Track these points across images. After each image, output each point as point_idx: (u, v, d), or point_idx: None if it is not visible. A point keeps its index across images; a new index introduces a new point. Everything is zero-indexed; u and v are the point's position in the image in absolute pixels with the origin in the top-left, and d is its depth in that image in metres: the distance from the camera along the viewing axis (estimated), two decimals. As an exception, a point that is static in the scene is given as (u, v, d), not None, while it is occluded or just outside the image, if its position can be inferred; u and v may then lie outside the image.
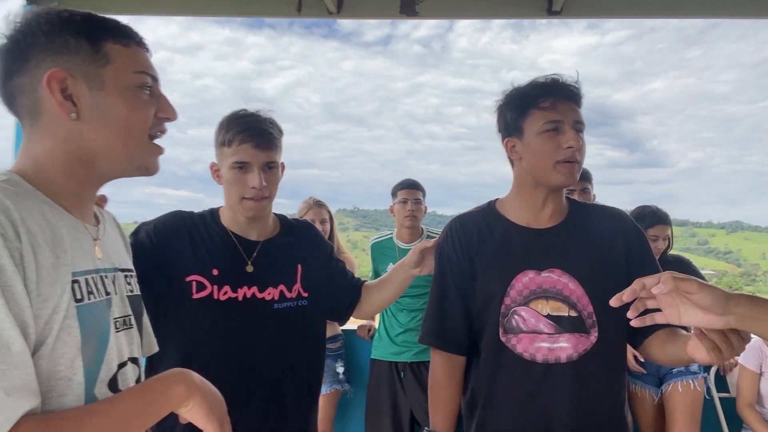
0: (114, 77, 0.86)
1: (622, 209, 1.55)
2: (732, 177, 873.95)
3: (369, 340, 3.16)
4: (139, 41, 0.91)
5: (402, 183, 3.14)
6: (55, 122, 0.85)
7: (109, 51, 0.86)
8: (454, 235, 1.50)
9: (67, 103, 0.84)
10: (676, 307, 0.96)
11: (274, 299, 1.51)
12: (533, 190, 1.43)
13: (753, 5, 2.93)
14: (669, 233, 2.82)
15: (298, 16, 2.99)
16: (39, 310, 0.75)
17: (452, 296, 1.47)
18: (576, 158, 1.37)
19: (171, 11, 3.18)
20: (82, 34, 0.85)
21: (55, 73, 0.83)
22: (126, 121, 0.87)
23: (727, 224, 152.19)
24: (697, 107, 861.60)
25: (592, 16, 3.08)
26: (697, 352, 1.04)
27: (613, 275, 1.38)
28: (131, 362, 0.95)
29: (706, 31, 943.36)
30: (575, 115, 1.37)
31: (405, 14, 2.96)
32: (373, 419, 2.99)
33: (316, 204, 3.04)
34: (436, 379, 1.48)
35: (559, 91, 1.37)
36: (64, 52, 0.84)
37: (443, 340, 1.48)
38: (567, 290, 1.37)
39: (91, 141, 0.86)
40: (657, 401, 2.78)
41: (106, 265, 0.93)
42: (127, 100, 0.87)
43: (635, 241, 1.45)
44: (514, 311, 1.38)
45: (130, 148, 0.89)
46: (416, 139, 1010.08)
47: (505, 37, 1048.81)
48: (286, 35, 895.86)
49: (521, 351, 1.37)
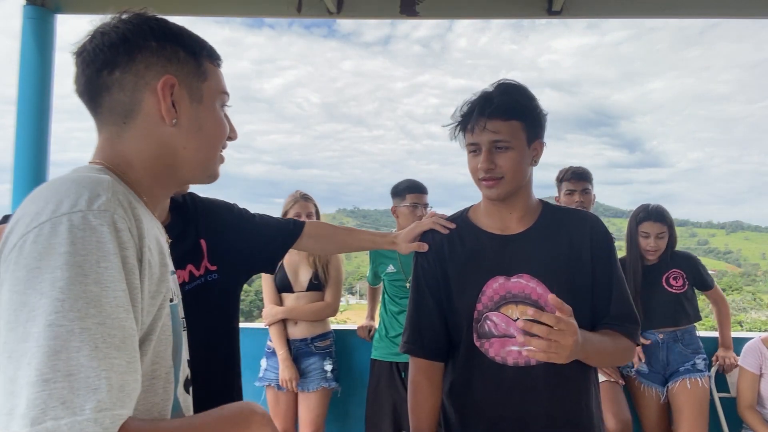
0: (209, 93, 0.92)
1: (594, 214, 1.57)
2: (732, 177, 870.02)
3: (369, 341, 3.16)
4: (221, 63, 0.98)
5: (411, 186, 3.09)
6: (150, 125, 0.87)
7: (207, 68, 0.93)
8: (427, 248, 1.54)
9: (173, 109, 0.88)
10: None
11: (185, 281, 1.46)
12: (497, 202, 1.47)
13: (752, 5, 2.93)
14: (665, 231, 2.81)
15: (298, 16, 2.99)
16: (150, 308, 0.77)
17: (428, 304, 1.51)
18: (492, 176, 1.40)
19: (171, 11, 3.18)
20: (189, 48, 0.90)
21: (169, 79, 0.86)
22: (214, 134, 0.94)
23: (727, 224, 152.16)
24: (696, 107, 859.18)
25: (592, 16, 3.08)
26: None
27: (579, 278, 1.43)
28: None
29: (705, 32, 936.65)
30: (492, 136, 1.37)
31: (405, 14, 2.97)
32: (373, 419, 2.99)
33: (302, 197, 3.01)
34: (418, 386, 1.51)
35: (479, 111, 1.39)
36: (175, 62, 0.88)
37: (422, 348, 1.51)
38: (535, 294, 1.40)
39: (182, 148, 0.90)
40: (663, 400, 2.79)
41: (173, 267, 0.96)
42: (216, 116, 0.94)
43: (601, 245, 1.47)
44: (486, 316, 1.42)
45: (210, 158, 0.95)
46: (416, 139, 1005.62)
47: (504, 37, 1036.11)
48: (286, 35, 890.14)
49: (493, 355, 1.41)
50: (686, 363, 2.76)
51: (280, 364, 2.87)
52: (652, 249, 2.79)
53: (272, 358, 2.93)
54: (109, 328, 0.66)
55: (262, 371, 2.96)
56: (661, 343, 2.78)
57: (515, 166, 1.39)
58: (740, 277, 74.56)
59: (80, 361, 0.62)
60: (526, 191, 1.47)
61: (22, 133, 2.90)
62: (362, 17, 3.17)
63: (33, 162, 2.90)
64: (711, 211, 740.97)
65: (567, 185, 2.89)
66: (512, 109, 1.38)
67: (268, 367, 2.94)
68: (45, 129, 2.93)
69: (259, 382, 2.96)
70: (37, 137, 2.91)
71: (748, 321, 32.54)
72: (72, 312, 0.64)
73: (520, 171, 1.41)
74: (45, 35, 2.96)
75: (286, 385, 2.87)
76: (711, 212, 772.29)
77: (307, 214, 2.96)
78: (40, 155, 2.91)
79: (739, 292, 43.27)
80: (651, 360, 2.80)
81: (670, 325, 2.79)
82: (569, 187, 2.87)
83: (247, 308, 57.20)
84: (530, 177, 1.48)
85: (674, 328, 2.79)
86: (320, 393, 2.92)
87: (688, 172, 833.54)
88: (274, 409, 2.93)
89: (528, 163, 1.43)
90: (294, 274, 2.99)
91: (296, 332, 2.92)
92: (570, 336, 1.16)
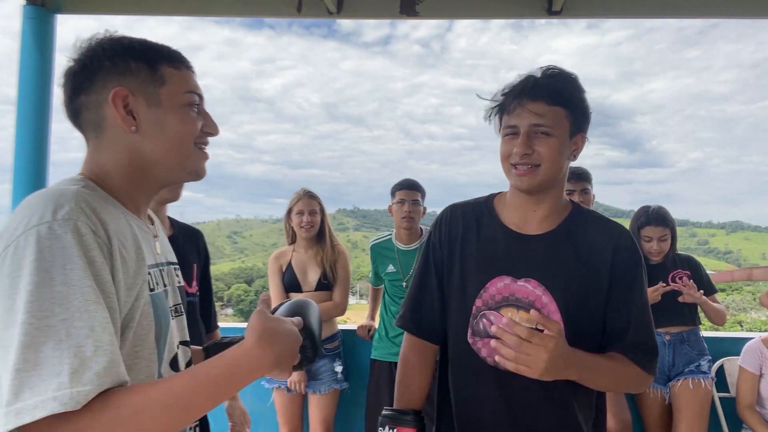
0: (169, 96, 0.98)
1: (626, 229, 1.43)
2: (732, 177, 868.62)
3: (369, 341, 3.16)
4: (189, 65, 1.03)
5: (400, 183, 3.12)
6: (117, 135, 0.97)
7: (165, 73, 0.98)
8: (443, 224, 1.46)
9: (129, 117, 0.95)
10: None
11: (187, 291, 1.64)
12: (524, 194, 1.37)
13: (752, 5, 2.93)
14: (667, 233, 2.80)
15: (298, 16, 2.99)
16: (127, 298, 0.87)
17: (432, 282, 1.44)
18: (528, 162, 1.29)
19: (171, 11, 3.18)
20: (142, 58, 0.97)
21: (119, 91, 0.94)
22: (178, 134, 0.99)
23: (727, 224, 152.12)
24: (696, 107, 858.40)
25: (592, 16, 3.08)
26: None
27: (591, 293, 1.33)
28: (183, 345, 1.09)
29: (705, 32, 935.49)
30: (534, 118, 1.28)
31: (405, 14, 2.96)
32: (373, 419, 2.98)
33: (306, 195, 3.01)
34: (407, 361, 1.46)
35: (523, 91, 1.30)
36: (127, 74, 0.96)
37: (418, 326, 1.45)
38: (539, 303, 1.31)
39: (149, 152, 0.98)
40: (667, 401, 2.78)
41: (163, 260, 1.07)
42: (179, 116, 0.99)
43: (626, 261, 1.35)
44: (483, 314, 1.35)
45: (183, 157, 1.00)
46: (416, 139, 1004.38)
47: (504, 37, 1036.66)
48: (286, 35, 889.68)
49: (485, 356, 1.34)
50: (691, 364, 2.76)
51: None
52: (656, 252, 2.79)
53: None
54: (76, 321, 0.77)
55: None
56: (667, 344, 2.78)
57: (554, 156, 1.29)
58: (740, 277, 74.23)
59: (46, 353, 0.74)
60: (557, 188, 1.38)
61: (22, 133, 2.90)
62: (362, 17, 3.17)
63: (33, 162, 2.89)
64: (711, 211, 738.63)
65: (566, 186, 2.88)
66: (559, 95, 1.29)
67: None
68: (45, 129, 2.93)
69: (269, 383, 2.96)
70: (37, 137, 2.90)
71: (748, 321, 32.52)
72: (40, 312, 0.76)
73: (558, 162, 1.31)
74: (45, 35, 2.96)
75: (294, 387, 2.87)
76: (711, 212, 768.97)
77: (310, 211, 2.96)
78: (40, 155, 2.91)
79: (739, 292, 43.24)
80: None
81: (676, 325, 2.79)
82: (568, 187, 2.87)
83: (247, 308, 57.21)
84: (565, 174, 1.38)
85: (681, 328, 2.79)
86: (331, 394, 2.93)
87: (688, 172, 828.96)
88: (282, 411, 2.94)
89: (567, 156, 1.33)
90: (302, 273, 2.99)
91: None
92: (544, 352, 1.11)
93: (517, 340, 1.12)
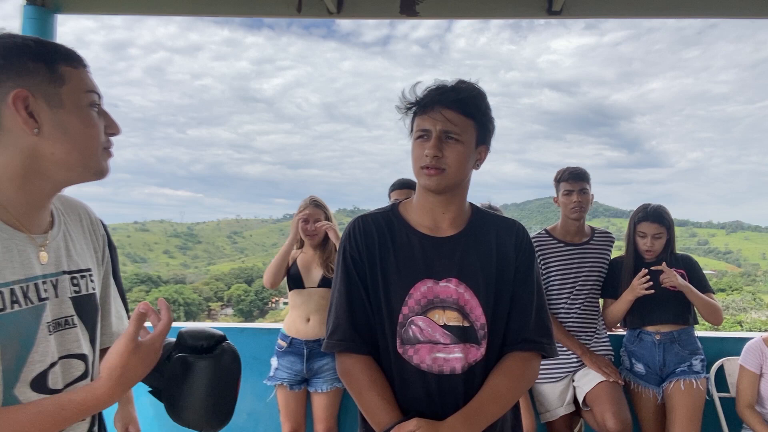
0: (70, 96, 0.94)
1: (519, 222, 1.54)
2: (731, 177, 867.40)
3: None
4: (85, 64, 0.99)
5: (395, 183, 3.12)
6: (14, 138, 0.91)
7: (64, 73, 0.94)
8: (357, 235, 1.44)
9: (31, 120, 0.90)
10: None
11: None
12: (433, 196, 1.41)
13: (752, 5, 2.93)
14: (663, 232, 2.79)
15: (298, 16, 2.99)
16: None
17: (361, 297, 1.41)
18: (436, 165, 1.35)
19: (171, 11, 3.18)
20: (39, 58, 0.92)
21: (20, 92, 0.89)
22: (83, 135, 0.95)
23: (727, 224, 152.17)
24: (695, 107, 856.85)
25: (591, 16, 3.09)
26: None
27: (504, 287, 1.42)
28: (75, 358, 1.01)
29: (704, 32, 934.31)
30: (445, 125, 1.35)
31: (405, 14, 2.97)
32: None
33: (312, 203, 3.03)
34: (361, 384, 1.39)
35: (439, 98, 1.37)
36: (24, 74, 0.90)
37: (362, 343, 1.40)
38: (462, 300, 1.38)
39: (49, 154, 0.93)
40: (660, 401, 2.78)
41: (50, 270, 0.99)
42: (82, 118, 0.95)
43: (523, 256, 1.47)
44: (411, 321, 1.37)
45: (88, 157, 0.96)
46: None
47: (503, 37, 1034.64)
48: (285, 35, 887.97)
49: (418, 362, 1.37)
50: (683, 364, 2.75)
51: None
52: (648, 249, 2.79)
53: (283, 357, 2.94)
54: None
55: (272, 370, 2.97)
56: (657, 344, 2.78)
57: (460, 161, 1.37)
58: (740, 277, 74.55)
59: None
60: (462, 193, 1.45)
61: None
62: (362, 17, 3.17)
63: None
64: (711, 211, 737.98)
65: (565, 185, 2.88)
66: (470, 106, 1.38)
67: (279, 366, 2.94)
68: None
69: (270, 381, 2.97)
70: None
71: (748, 321, 32.52)
72: None
73: (464, 168, 1.39)
74: (45, 35, 2.96)
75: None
76: (711, 212, 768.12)
77: (315, 220, 2.98)
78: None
79: (739, 292, 43.26)
80: (647, 361, 2.80)
81: (668, 322, 2.78)
82: (567, 187, 2.87)
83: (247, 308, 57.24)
84: (469, 180, 1.45)
85: (672, 327, 2.79)
86: (334, 392, 2.93)
87: (688, 172, 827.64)
88: (284, 408, 2.94)
89: (472, 163, 1.42)
90: (306, 271, 3.01)
91: (309, 332, 2.93)
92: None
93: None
